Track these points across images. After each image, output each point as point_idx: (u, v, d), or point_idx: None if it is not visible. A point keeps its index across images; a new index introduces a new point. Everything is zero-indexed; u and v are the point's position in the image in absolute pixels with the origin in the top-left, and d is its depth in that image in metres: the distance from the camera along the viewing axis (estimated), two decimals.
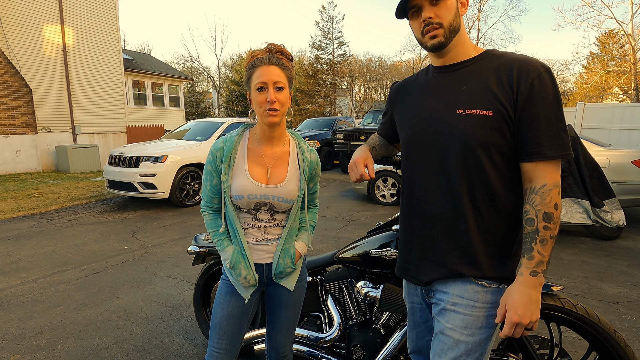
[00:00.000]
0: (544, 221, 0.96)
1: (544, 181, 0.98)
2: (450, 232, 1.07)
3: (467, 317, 1.04)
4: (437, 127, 1.08)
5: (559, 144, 0.97)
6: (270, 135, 1.33)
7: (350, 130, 10.12)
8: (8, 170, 10.78)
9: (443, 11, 1.03)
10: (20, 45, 11.10)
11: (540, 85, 0.96)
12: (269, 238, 1.37)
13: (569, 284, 3.30)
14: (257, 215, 1.34)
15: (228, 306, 1.36)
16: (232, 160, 1.31)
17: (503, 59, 1.03)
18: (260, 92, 1.23)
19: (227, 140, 1.34)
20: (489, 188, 1.03)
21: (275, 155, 1.35)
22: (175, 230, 5.09)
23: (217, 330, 1.36)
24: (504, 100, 0.99)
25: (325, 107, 31.22)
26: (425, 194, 1.12)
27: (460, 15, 1.06)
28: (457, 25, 1.05)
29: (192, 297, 2.68)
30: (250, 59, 1.28)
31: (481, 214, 1.04)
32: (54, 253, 4.24)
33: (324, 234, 4.88)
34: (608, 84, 21.24)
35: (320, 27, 29.97)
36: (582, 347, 2.31)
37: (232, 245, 1.36)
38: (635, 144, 8.78)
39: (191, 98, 30.23)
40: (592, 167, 4.59)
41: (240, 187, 1.29)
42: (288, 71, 1.29)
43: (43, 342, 2.48)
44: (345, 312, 1.87)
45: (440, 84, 1.11)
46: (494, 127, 1.00)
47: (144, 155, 6.26)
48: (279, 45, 1.31)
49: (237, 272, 1.32)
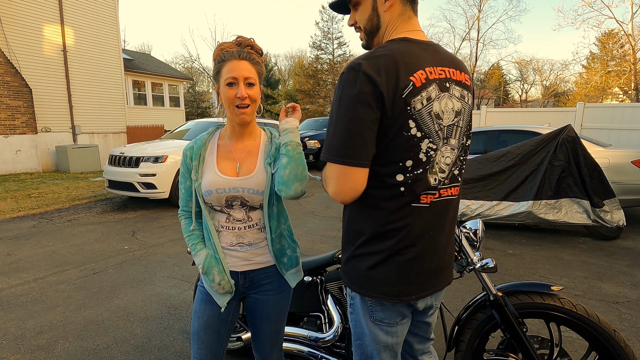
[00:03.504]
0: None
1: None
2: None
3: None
4: None
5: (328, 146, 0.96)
6: (240, 131, 1.31)
7: None
8: (8, 170, 10.78)
9: (359, 15, 1.07)
10: (20, 45, 11.10)
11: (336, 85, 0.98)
12: (244, 243, 1.30)
13: (569, 284, 3.30)
14: (231, 214, 1.29)
15: (204, 315, 1.32)
16: (201, 158, 1.29)
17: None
18: (230, 88, 1.20)
19: (197, 140, 1.33)
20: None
21: (246, 149, 1.31)
22: (175, 230, 5.09)
23: (196, 340, 1.33)
24: None
25: (325, 107, 31.21)
26: None
27: (381, 13, 1.03)
28: (373, 25, 1.06)
29: (192, 297, 2.67)
30: (219, 52, 1.24)
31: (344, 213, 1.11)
32: (54, 253, 4.24)
33: (324, 234, 4.87)
34: (608, 84, 21.23)
35: (320, 27, 29.95)
36: (582, 347, 2.31)
37: (205, 249, 1.31)
38: (635, 144, 8.78)
39: (191, 98, 30.21)
40: (592, 167, 4.62)
41: (208, 183, 1.25)
42: (258, 66, 1.25)
43: (43, 342, 2.48)
44: (345, 312, 1.87)
45: None
46: None
47: (144, 155, 6.26)
48: (248, 38, 1.27)
49: (210, 277, 1.26)
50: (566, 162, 3.94)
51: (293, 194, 1.19)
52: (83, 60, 12.80)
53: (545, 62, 43.13)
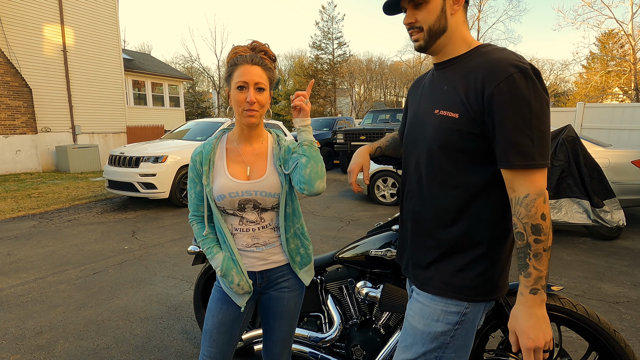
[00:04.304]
0: (534, 234, 0.90)
1: (526, 191, 0.91)
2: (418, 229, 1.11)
3: (425, 307, 1.07)
4: (420, 126, 1.10)
5: (524, 152, 0.89)
6: (248, 134, 1.32)
7: (350, 130, 10.12)
8: (8, 170, 10.78)
9: (423, 15, 1.01)
10: (20, 45, 11.11)
11: (508, 88, 0.89)
12: (260, 243, 1.33)
13: (569, 284, 3.30)
14: (244, 216, 1.30)
15: (219, 314, 1.34)
16: (211, 162, 1.31)
17: (480, 59, 0.97)
18: (241, 91, 1.22)
19: (205, 144, 1.34)
20: (455, 192, 1.01)
21: (254, 152, 1.33)
22: (175, 230, 5.09)
23: (208, 337, 1.34)
24: (471, 103, 0.95)
25: (325, 107, 31.25)
26: (409, 193, 1.16)
27: (448, 16, 1.02)
28: (440, 27, 1.02)
29: (192, 297, 2.67)
30: (233, 56, 1.26)
31: (446, 216, 1.04)
32: (54, 253, 4.24)
33: (324, 234, 4.87)
34: (608, 84, 21.24)
35: (320, 27, 30.01)
36: (582, 347, 2.31)
37: (222, 252, 1.33)
38: (635, 144, 8.78)
39: (191, 98, 30.22)
40: (592, 167, 4.60)
41: (220, 187, 1.27)
42: (270, 72, 1.27)
43: (43, 342, 2.48)
44: (345, 312, 1.87)
45: (433, 82, 1.10)
46: (458, 130, 0.97)
47: (144, 155, 6.27)
48: (263, 44, 1.29)
49: (229, 279, 1.28)
50: (566, 162, 3.93)
51: (315, 191, 1.23)
52: (83, 60, 12.80)
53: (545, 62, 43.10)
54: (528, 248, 0.91)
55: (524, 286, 0.92)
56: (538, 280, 0.90)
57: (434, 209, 1.06)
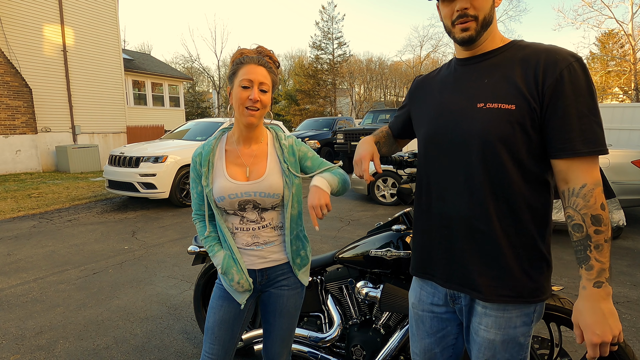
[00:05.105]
0: (594, 225, 0.87)
1: (583, 181, 0.89)
2: (471, 233, 1.01)
3: (499, 318, 1.02)
4: (457, 122, 1.02)
5: (592, 138, 0.88)
6: (247, 135, 1.33)
7: (350, 130, 10.13)
8: (8, 170, 10.79)
9: (480, 2, 0.95)
10: (20, 45, 11.11)
11: (570, 76, 0.89)
12: (260, 242, 1.34)
13: (569, 284, 3.30)
14: (244, 216, 1.32)
15: (220, 311, 1.35)
16: (210, 164, 1.32)
17: (529, 50, 0.96)
18: (245, 90, 1.23)
19: (205, 145, 1.36)
20: (512, 187, 0.96)
21: (253, 153, 1.34)
22: (175, 230, 5.09)
23: (209, 335, 1.36)
24: (529, 93, 0.92)
25: (325, 107, 31.24)
26: (445, 193, 1.06)
27: (494, 7, 0.99)
28: (491, 18, 0.98)
29: (192, 297, 2.68)
30: (239, 55, 1.28)
31: (506, 215, 0.97)
32: (54, 253, 4.24)
33: (324, 234, 4.88)
34: (608, 84, 21.26)
35: (320, 27, 30.02)
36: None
37: (222, 250, 1.35)
38: (635, 144, 8.78)
39: (191, 98, 30.23)
40: None
41: (220, 188, 1.28)
42: (274, 76, 1.30)
43: (43, 342, 2.48)
44: (345, 312, 1.87)
45: (462, 78, 1.05)
46: (516, 122, 0.93)
47: (144, 155, 6.27)
48: (268, 50, 1.33)
49: (229, 277, 1.31)
50: None
51: (342, 194, 1.40)
52: (83, 60, 12.80)
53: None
54: (588, 240, 0.88)
55: (586, 280, 0.89)
56: (601, 272, 0.87)
57: (494, 209, 0.98)
